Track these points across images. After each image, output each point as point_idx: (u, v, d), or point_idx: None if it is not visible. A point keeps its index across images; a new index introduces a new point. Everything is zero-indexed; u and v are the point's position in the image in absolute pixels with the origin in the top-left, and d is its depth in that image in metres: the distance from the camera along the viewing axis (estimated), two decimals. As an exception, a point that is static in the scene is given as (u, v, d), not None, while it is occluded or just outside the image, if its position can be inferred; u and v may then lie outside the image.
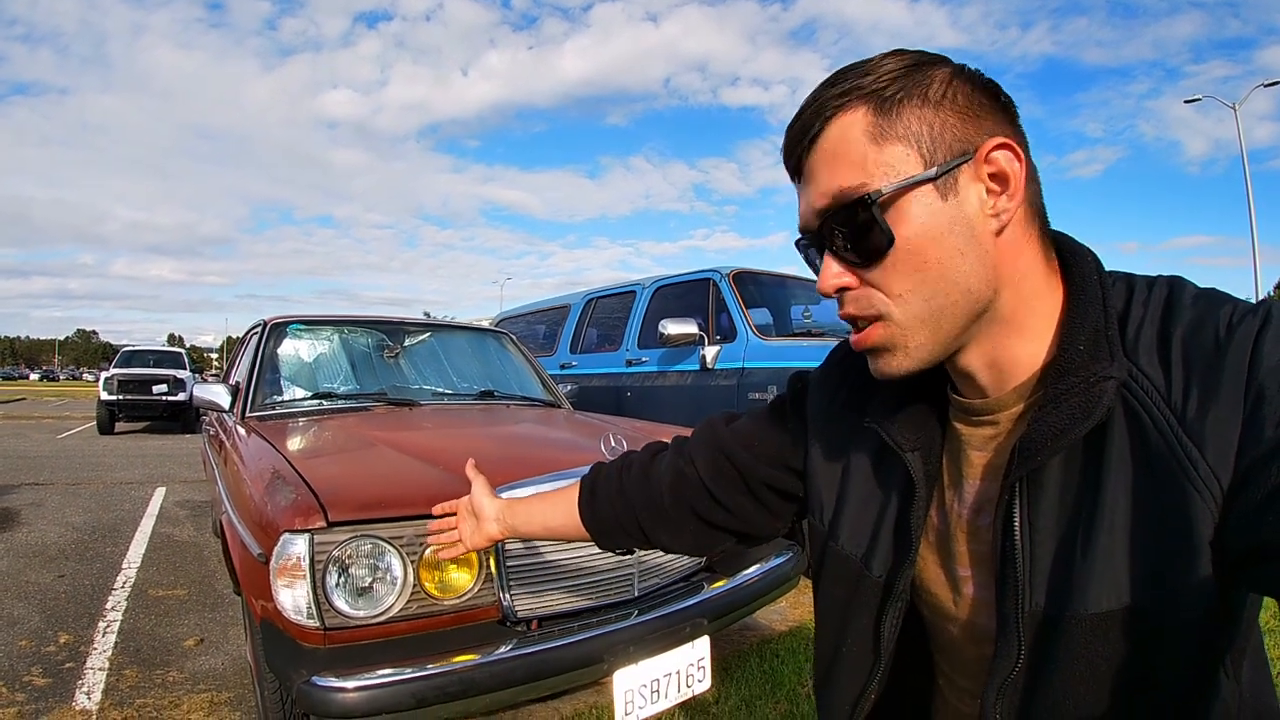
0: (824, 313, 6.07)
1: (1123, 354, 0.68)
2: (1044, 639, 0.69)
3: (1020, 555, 0.70)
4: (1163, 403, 0.65)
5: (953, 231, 0.70)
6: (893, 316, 0.73)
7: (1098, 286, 0.72)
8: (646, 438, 3.02)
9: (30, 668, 3.33)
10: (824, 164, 0.73)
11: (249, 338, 4.59)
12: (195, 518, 6.80)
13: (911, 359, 0.75)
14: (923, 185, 0.69)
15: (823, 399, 1.00)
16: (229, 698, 3.06)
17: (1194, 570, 0.62)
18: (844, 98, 0.72)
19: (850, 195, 0.70)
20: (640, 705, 2.18)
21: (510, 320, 8.99)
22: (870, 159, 0.70)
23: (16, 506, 7.12)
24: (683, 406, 5.50)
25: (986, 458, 0.80)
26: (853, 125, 0.71)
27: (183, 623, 3.99)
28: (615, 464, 1.25)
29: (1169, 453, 0.63)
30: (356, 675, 1.83)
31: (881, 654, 0.87)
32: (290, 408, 3.61)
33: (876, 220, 0.70)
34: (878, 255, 0.71)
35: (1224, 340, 0.63)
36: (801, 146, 0.75)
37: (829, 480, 0.95)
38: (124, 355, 17.47)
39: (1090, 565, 0.66)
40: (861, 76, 0.72)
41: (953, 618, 0.83)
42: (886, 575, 0.86)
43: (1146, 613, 0.64)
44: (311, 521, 1.89)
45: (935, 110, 0.70)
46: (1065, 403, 0.68)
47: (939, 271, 0.70)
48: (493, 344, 4.84)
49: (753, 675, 3.18)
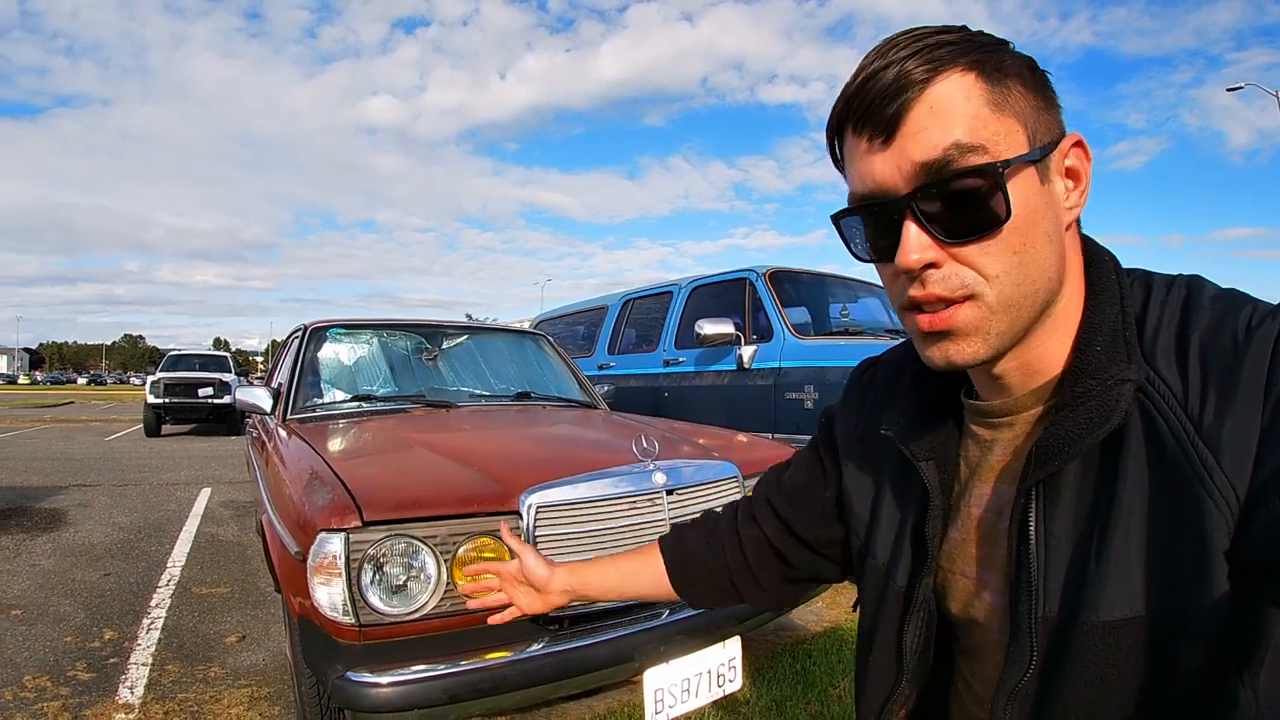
0: (861, 311, 6.04)
1: (1140, 356, 0.67)
2: (1056, 645, 0.68)
3: (1035, 560, 0.69)
4: (1179, 408, 0.63)
5: (1046, 217, 0.68)
6: (985, 297, 0.68)
7: (1115, 287, 0.72)
8: (684, 439, 3.06)
9: (75, 662, 3.41)
10: (935, 118, 0.65)
11: (290, 342, 4.66)
12: (239, 518, 6.92)
13: (988, 347, 0.69)
14: (1031, 165, 0.66)
15: (848, 422, 1.01)
16: (269, 693, 3.11)
17: (1208, 580, 0.60)
18: (959, 56, 0.66)
19: (969, 156, 0.65)
20: (671, 704, 2.19)
21: (549, 322, 9.02)
22: (989, 125, 0.65)
23: (64, 507, 7.29)
24: (720, 406, 5.50)
25: (1004, 461, 0.79)
26: (967, 86, 0.66)
27: (225, 620, 4.07)
28: (698, 529, 1.19)
29: (1184, 460, 0.62)
30: (390, 671, 1.86)
31: (904, 665, 0.86)
32: (330, 410, 3.67)
33: (1001, 189, 0.64)
34: (987, 229, 0.66)
35: (1243, 343, 0.62)
36: (903, 99, 0.66)
37: (862, 497, 0.96)
38: (170, 359, 17.73)
39: (1104, 572, 0.65)
40: (952, 42, 0.67)
41: (974, 622, 0.82)
42: (906, 584, 0.86)
43: (1159, 622, 0.63)
44: (347, 521, 1.93)
45: (1036, 93, 0.68)
46: (1082, 406, 0.67)
47: (1032, 256, 0.67)
48: (529, 346, 4.87)
49: (784, 675, 3.18)
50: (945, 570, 0.84)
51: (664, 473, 2.39)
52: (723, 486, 2.61)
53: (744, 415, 5.19)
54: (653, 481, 2.35)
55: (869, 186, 0.70)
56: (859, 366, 1.04)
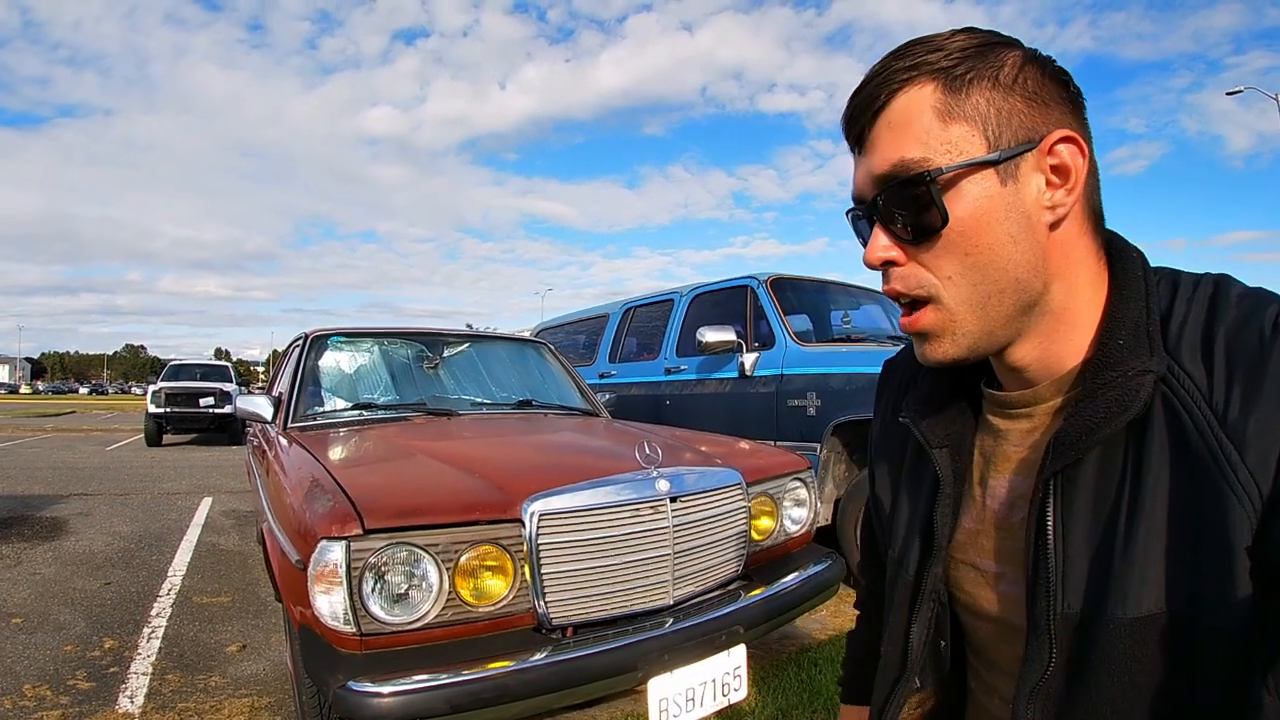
0: (864, 318, 6.04)
1: (1164, 350, 0.66)
2: (1080, 643, 0.67)
3: (1053, 555, 0.68)
4: (1204, 402, 0.63)
5: (1007, 218, 0.69)
6: (942, 299, 0.72)
7: (1141, 283, 0.71)
8: (685, 446, 3.04)
9: (75, 671, 3.40)
10: (887, 134, 0.71)
11: (291, 350, 4.66)
12: (240, 527, 6.91)
13: (959, 346, 0.73)
14: (984, 168, 0.68)
15: (878, 417, 1.03)
16: (269, 702, 3.10)
17: (1230, 577, 0.60)
18: (913, 71, 0.70)
19: (910, 168, 0.69)
20: (675, 714, 2.17)
21: (550, 330, 9.00)
22: (935, 135, 0.69)
23: (65, 516, 7.28)
24: (722, 414, 5.48)
25: (1022, 453, 0.78)
26: (920, 100, 0.70)
27: (226, 629, 4.06)
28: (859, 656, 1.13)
29: (1208, 454, 0.61)
30: (392, 680, 1.84)
31: (910, 656, 0.86)
32: (331, 418, 3.67)
33: (934, 198, 0.68)
34: (930, 233, 0.70)
35: (1269, 339, 0.61)
36: (866, 116, 0.73)
37: (885, 489, 0.97)
38: (171, 369, 17.80)
39: (1129, 567, 0.64)
40: (932, 51, 0.70)
41: (986, 615, 0.82)
42: (915, 573, 0.86)
43: (1183, 619, 0.62)
44: (348, 529, 1.91)
45: (1004, 94, 0.69)
46: (1102, 396, 0.67)
47: (989, 257, 0.69)
48: (531, 354, 4.87)
49: (790, 684, 3.16)
50: (959, 561, 0.84)
51: (667, 480, 2.38)
52: (726, 494, 2.60)
53: (746, 423, 5.18)
54: (656, 489, 2.34)
55: (855, 191, 0.77)
56: (883, 367, 1.06)
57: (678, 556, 2.37)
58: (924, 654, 0.85)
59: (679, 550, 2.38)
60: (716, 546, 2.54)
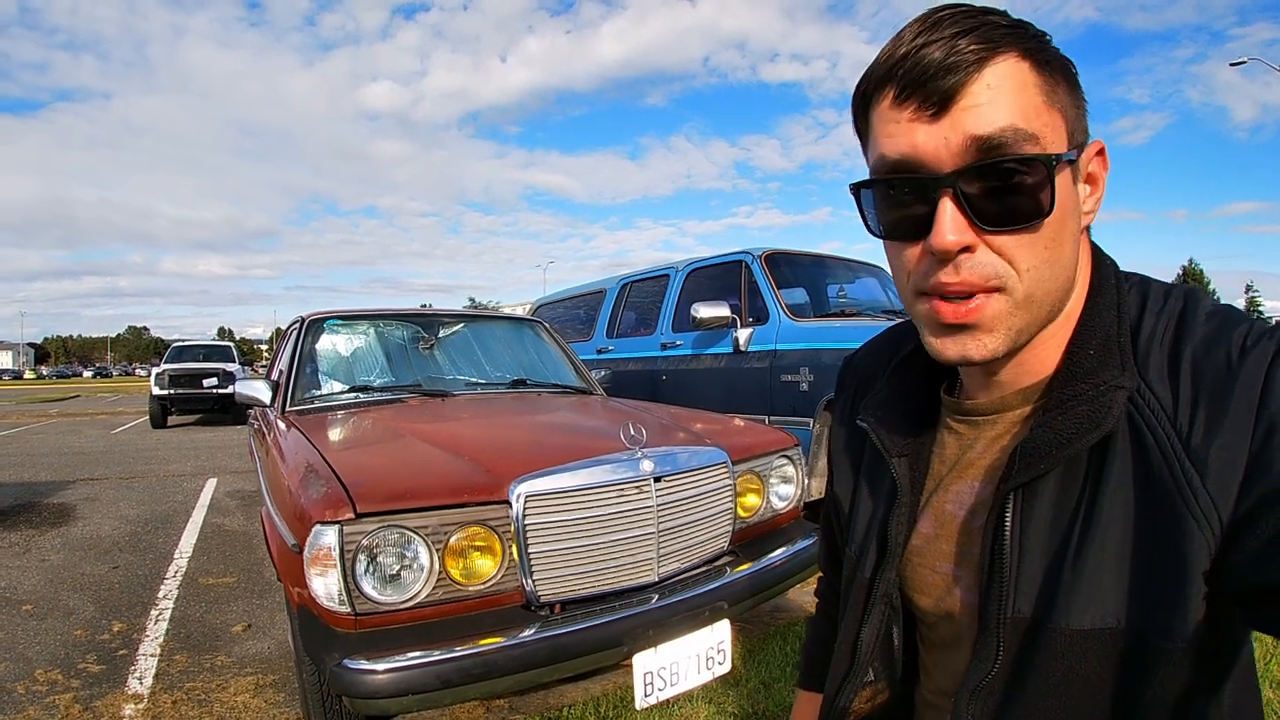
0: (859, 291, 6.05)
1: (1134, 365, 0.66)
2: (1025, 647, 0.68)
3: (1008, 558, 0.69)
4: (1168, 423, 0.63)
5: (1073, 217, 0.67)
6: (1014, 291, 0.66)
7: (1114, 292, 0.72)
8: (677, 425, 3.08)
9: (85, 655, 3.49)
10: (993, 96, 0.63)
11: (289, 334, 4.70)
12: (245, 507, 6.99)
13: (1007, 343, 0.68)
14: (1069, 164, 0.66)
15: (838, 414, 1.03)
16: (274, 680, 3.18)
17: (1184, 600, 0.60)
18: (1010, 38, 0.64)
19: (1025, 144, 0.63)
20: (660, 687, 2.24)
21: (548, 306, 9.05)
22: (1041, 116, 0.64)
23: (72, 501, 7.38)
24: (717, 389, 5.53)
25: (984, 459, 0.78)
26: (1021, 72, 0.64)
27: (231, 609, 4.15)
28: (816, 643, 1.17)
29: (1170, 477, 0.61)
30: (385, 658, 1.91)
31: (858, 654, 0.88)
32: (328, 401, 3.72)
33: (1051, 183, 0.63)
34: (1029, 220, 0.64)
35: (1236, 363, 0.61)
36: (966, 69, 0.63)
37: (845, 487, 0.97)
38: (174, 350, 17.82)
39: (1078, 580, 0.64)
40: (1016, 26, 0.65)
41: (941, 617, 0.82)
42: (870, 576, 0.87)
43: (1131, 636, 0.63)
44: (341, 513, 1.98)
45: (1075, 94, 0.68)
46: (1072, 410, 0.66)
47: (1060, 253, 0.67)
48: (526, 333, 4.90)
49: (774, 658, 3.22)
50: (915, 565, 0.84)
51: (652, 460, 2.42)
52: (710, 473, 2.64)
53: (741, 398, 5.22)
54: (640, 469, 2.39)
55: (904, 155, 0.66)
56: (843, 364, 1.05)
57: (662, 535, 2.42)
58: (875, 652, 0.87)
59: (663, 528, 2.43)
60: (701, 524, 2.59)
